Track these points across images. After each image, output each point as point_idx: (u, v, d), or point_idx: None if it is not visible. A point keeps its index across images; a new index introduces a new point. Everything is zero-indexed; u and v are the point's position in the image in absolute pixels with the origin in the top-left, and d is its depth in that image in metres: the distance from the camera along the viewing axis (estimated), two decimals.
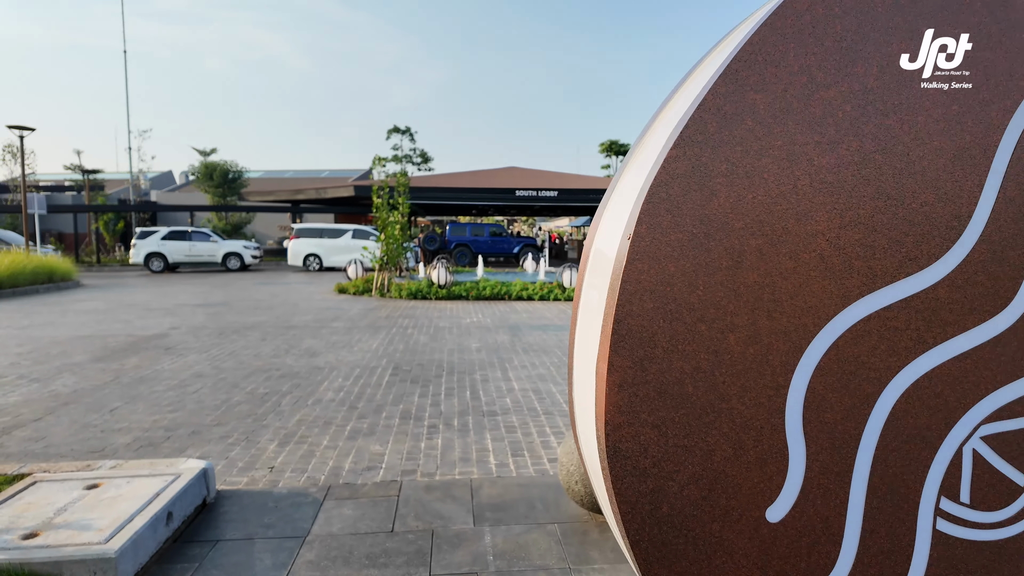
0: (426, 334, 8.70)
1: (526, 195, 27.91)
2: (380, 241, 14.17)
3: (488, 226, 28.09)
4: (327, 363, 6.73)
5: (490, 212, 41.84)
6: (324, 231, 23.21)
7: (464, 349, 7.60)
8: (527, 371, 6.39)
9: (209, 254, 23.27)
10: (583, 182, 33.78)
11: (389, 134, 35.20)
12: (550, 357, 7.11)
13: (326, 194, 28.03)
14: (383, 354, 7.24)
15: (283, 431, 4.42)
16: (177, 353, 7.27)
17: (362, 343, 7.96)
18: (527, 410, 4.98)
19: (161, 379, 5.98)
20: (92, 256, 27.79)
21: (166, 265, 22.77)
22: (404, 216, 17.00)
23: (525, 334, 8.75)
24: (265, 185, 39.53)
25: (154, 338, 8.29)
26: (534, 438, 4.30)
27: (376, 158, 14.33)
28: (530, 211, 43.17)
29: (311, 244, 22.66)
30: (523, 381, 5.97)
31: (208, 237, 23.50)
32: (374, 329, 9.09)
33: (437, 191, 28.55)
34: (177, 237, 23.20)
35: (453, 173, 36.09)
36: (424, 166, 37.18)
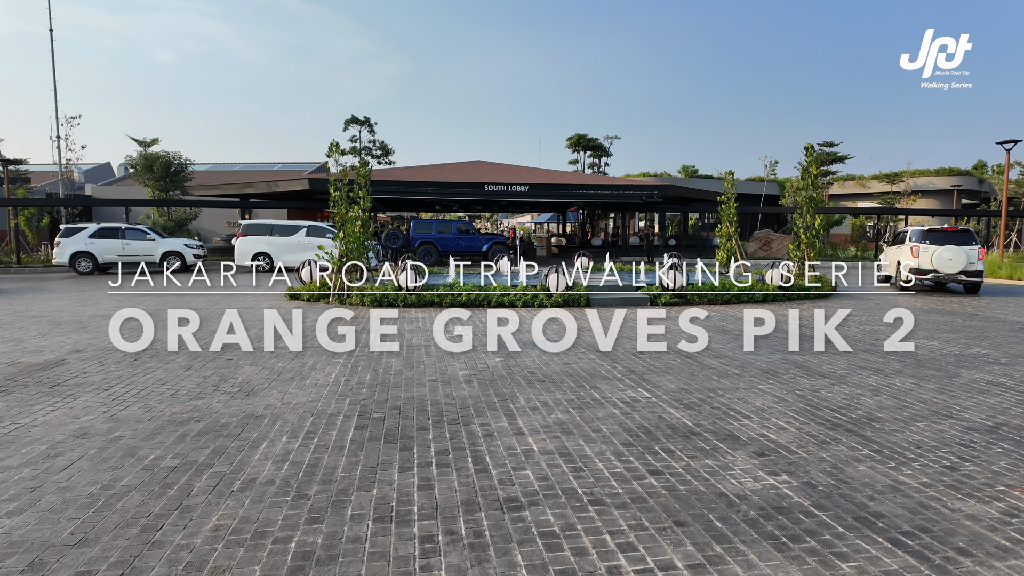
0: (398, 356, 7.01)
1: (496, 190, 26.29)
2: (338, 239, 12.33)
3: (455, 223, 26.34)
4: (268, 408, 5.00)
5: (455, 208, 40.03)
6: (275, 228, 21.10)
7: (450, 379, 5.97)
8: (541, 417, 4.80)
9: (145, 253, 20.85)
10: (553, 177, 32.36)
11: (347, 124, 33.06)
12: (562, 392, 5.54)
13: (278, 188, 25.83)
14: (345, 390, 5.54)
15: (185, 559, 2.73)
16: (65, 392, 5.42)
17: (317, 372, 6.24)
18: (564, 494, 3.40)
19: (22, 443, 4.17)
20: (11, 256, 24.91)
21: (96, 266, 20.31)
22: (366, 211, 15.19)
23: (521, 355, 7.16)
24: (212, 178, 36.75)
25: (43, 367, 6.38)
26: (593, 559, 2.72)
27: (333, 144, 12.40)
28: (497, 206, 41.58)
29: (260, 242, 20.53)
30: (540, 435, 4.38)
31: (144, 234, 21.11)
32: (332, 349, 7.35)
33: (399, 185, 26.66)
34: (108, 235, 20.74)
35: (417, 166, 34.17)
36: (384, 159, 35.15)
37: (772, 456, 3.99)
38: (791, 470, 3.76)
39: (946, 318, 10.51)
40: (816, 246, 14.86)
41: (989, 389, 5.74)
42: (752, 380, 6.04)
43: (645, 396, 5.40)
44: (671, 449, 4.10)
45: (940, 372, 6.45)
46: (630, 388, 5.68)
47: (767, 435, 4.41)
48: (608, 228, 48.65)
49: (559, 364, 6.66)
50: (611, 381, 5.94)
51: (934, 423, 4.71)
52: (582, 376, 6.12)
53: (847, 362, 6.91)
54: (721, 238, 17.85)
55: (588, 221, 43.76)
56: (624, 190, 29.85)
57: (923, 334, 8.86)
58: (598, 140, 50.10)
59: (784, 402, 5.26)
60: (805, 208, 15.07)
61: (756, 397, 5.41)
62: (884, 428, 4.58)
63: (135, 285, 14.68)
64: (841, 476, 3.67)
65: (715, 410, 5.01)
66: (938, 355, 7.35)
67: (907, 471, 3.77)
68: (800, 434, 4.43)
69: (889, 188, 47.65)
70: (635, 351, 7.38)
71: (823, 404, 5.20)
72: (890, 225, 40.91)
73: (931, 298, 13.54)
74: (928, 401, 5.32)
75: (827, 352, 7.44)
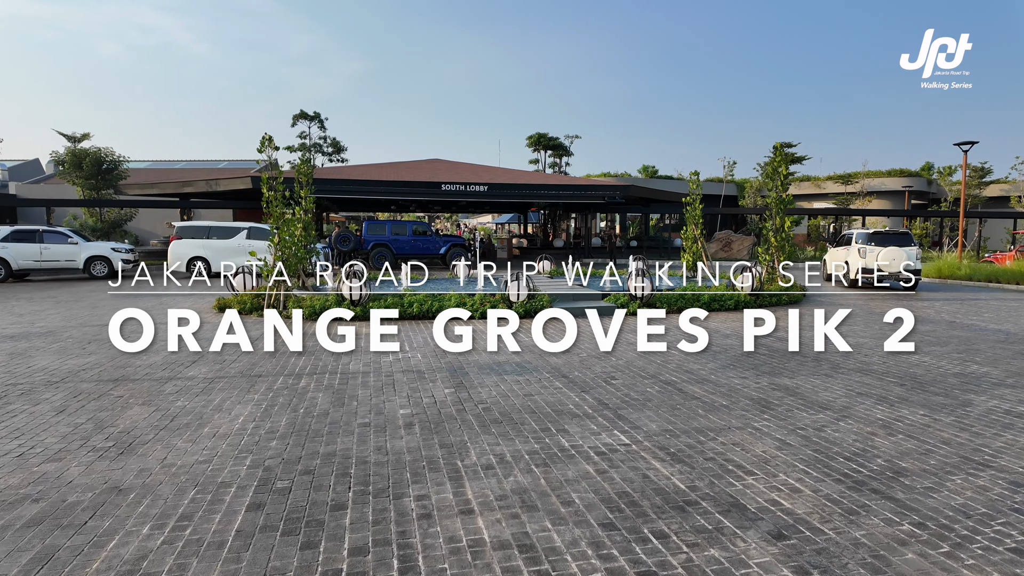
0: (328, 389, 5.89)
1: (453, 190, 25.17)
2: (272, 244, 11.05)
3: (411, 224, 25.11)
4: (142, 474, 3.85)
5: (412, 208, 38.70)
6: (213, 230, 19.52)
7: (386, 422, 4.89)
8: (495, 481, 3.78)
9: (67, 259, 19.04)
10: (513, 176, 31.43)
11: (295, 120, 31.32)
12: (523, 438, 4.54)
13: (218, 187, 24.15)
14: (249, 443, 4.41)
15: None
16: None
17: (221, 415, 5.08)
18: None
19: None
20: None
21: (8, 273, 18.37)
22: (308, 213, 13.91)
23: (475, 383, 6.14)
24: (152, 177, 34.51)
25: None
26: None
27: (265, 138, 11.05)
28: (456, 207, 40.40)
29: (196, 246, 18.94)
30: (494, 512, 3.36)
31: (66, 238, 19.25)
32: (250, 380, 6.18)
33: (352, 184, 25.27)
34: (23, 238, 18.80)
35: (371, 164, 32.73)
36: (337, 156, 33.55)
37: (793, 539, 3.07)
38: (823, 565, 2.84)
39: (927, 327, 9.94)
40: (786, 249, 14.29)
41: (1012, 423, 4.99)
42: (744, 415, 5.17)
43: (623, 443, 4.45)
44: (664, 532, 3.15)
45: (949, 399, 5.70)
46: (604, 430, 4.72)
47: (779, 502, 3.49)
48: (570, 229, 48.04)
49: (520, 396, 5.66)
50: (581, 420, 4.98)
51: (971, 476, 3.89)
52: (547, 414, 5.14)
53: (843, 386, 6.12)
54: (686, 240, 17.19)
55: (550, 222, 42.99)
56: (586, 190, 29.12)
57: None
58: (559, 139, 49.43)
59: (788, 447, 4.39)
60: (775, 209, 14.48)
61: (754, 441, 4.52)
62: (916, 486, 3.73)
63: (53, 293, 13.07)
64: (889, 573, 2.78)
65: (709, 462, 4.09)
66: (936, 375, 6.64)
67: (967, 559, 2.90)
68: (819, 499, 3.53)
69: (843, 189, 48.42)
70: (606, 375, 6.44)
71: (834, 450, 4.34)
72: (844, 226, 41.42)
73: (894, 300, 13.09)
74: (952, 443, 4.52)
75: (817, 372, 6.66)
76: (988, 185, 44.77)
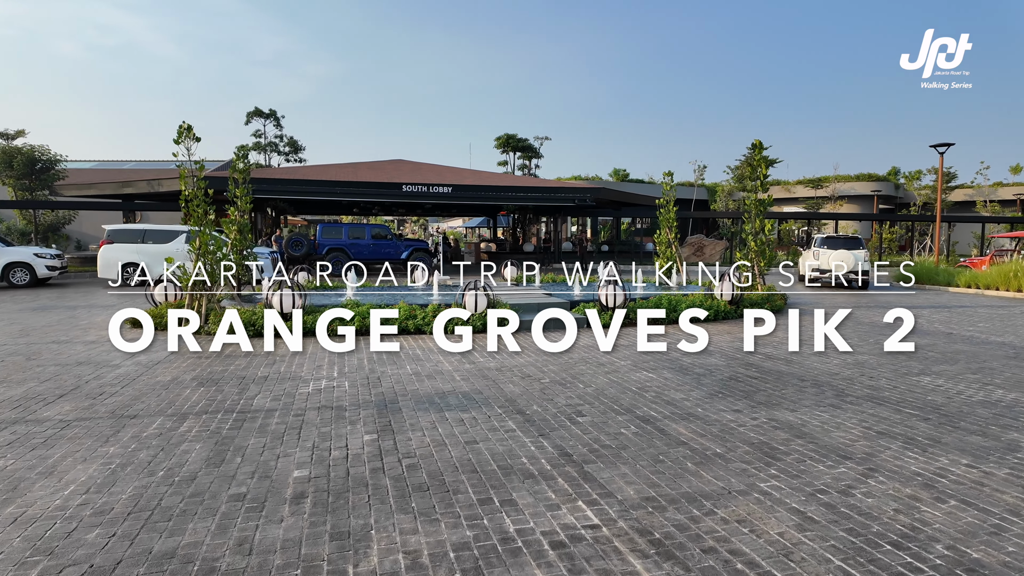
0: (213, 437, 4.56)
1: (415, 191, 23.83)
2: (192, 250, 9.59)
3: (370, 227, 23.66)
4: None
5: (375, 211, 37.19)
6: (148, 233, 17.86)
7: (269, 492, 3.60)
8: None
9: None
10: (480, 178, 30.20)
11: (249, 117, 29.56)
12: (451, 518, 3.29)
13: (161, 187, 22.40)
14: (56, 535, 3.08)
15: None
16: None
17: (49, 480, 3.72)
18: None
19: None
20: None
21: None
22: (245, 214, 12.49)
23: (406, 424, 4.88)
24: (95, 177, 32.32)
25: None
26: None
27: (182, 127, 9.58)
28: (421, 210, 39.00)
29: (129, 251, 17.24)
30: None
31: None
32: (117, 423, 4.82)
33: (308, 184, 23.72)
34: None
35: (329, 165, 31.16)
36: (294, 156, 31.89)
37: None
38: None
39: (925, 339, 9.00)
40: (767, 254, 13.34)
41: None
42: (745, 468, 4.01)
43: (590, 523, 3.24)
44: None
45: (988, 439, 4.64)
46: (565, 501, 3.51)
47: None
48: (540, 233, 47.01)
49: (460, 445, 4.42)
50: (536, 483, 3.76)
51: None
52: (491, 473, 3.91)
53: (857, 421, 5.03)
54: (660, 245, 16.20)
55: (520, 226, 41.86)
56: (555, 192, 28.03)
57: (917, 366, 7.22)
58: (528, 141, 48.39)
59: (812, 525, 3.23)
60: (754, 212, 13.54)
61: (765, 515, 3.36)
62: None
63: None
64: None
65: (708, 556, 2.91)
66: (960, 404, 5.61)
67: None
68: None
69: (814, 193, 48.36)
70: (572, 409, 5.25)
71: (873, 529, 3.20)
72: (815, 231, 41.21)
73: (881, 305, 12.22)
74: (1020, 511, 3.43)
75: (821, 401, 5.57)
76: (953, 190, 45.10)
